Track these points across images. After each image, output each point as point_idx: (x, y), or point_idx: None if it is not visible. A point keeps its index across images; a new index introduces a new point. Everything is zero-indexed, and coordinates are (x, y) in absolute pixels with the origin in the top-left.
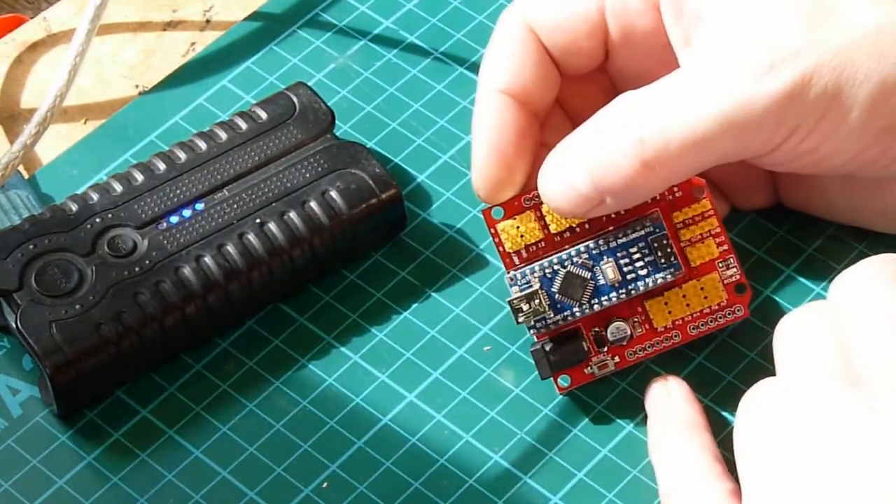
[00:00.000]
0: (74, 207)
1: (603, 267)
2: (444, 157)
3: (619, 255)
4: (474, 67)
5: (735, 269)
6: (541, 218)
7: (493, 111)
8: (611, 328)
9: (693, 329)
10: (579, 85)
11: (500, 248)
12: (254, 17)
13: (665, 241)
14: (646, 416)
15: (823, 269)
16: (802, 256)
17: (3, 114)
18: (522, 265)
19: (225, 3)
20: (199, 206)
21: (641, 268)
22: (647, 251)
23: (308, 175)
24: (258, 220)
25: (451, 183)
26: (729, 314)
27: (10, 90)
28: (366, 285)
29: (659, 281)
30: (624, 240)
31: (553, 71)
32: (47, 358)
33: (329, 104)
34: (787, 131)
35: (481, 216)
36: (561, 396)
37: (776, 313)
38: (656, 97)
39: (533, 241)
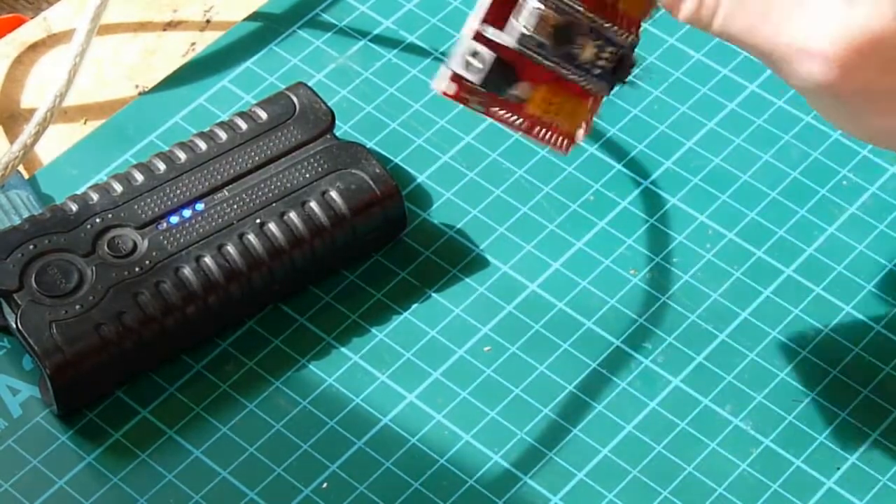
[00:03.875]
0: (74, 207)
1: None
2: (444, 157)
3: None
4: None
5: None
6: None
7: None
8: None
9: None
10: None
11: None
12: (254, 17)
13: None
14: (646, 416)
15: (824, 270)
16: (803, 256)
17: (3, 114)
18: None
19: (225, 3)
20: (200, 206)
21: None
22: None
23: (308, 175)
24: (258, 221)
25: (451, 183)
26: None
27: (10, 90)
28: (366, 286)
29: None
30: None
31: None
32: (47, 358)
33: (329, 104)
34: None
35: (480, 217)
36: (561, 396)
37: (776, 314)
38: None
39: None
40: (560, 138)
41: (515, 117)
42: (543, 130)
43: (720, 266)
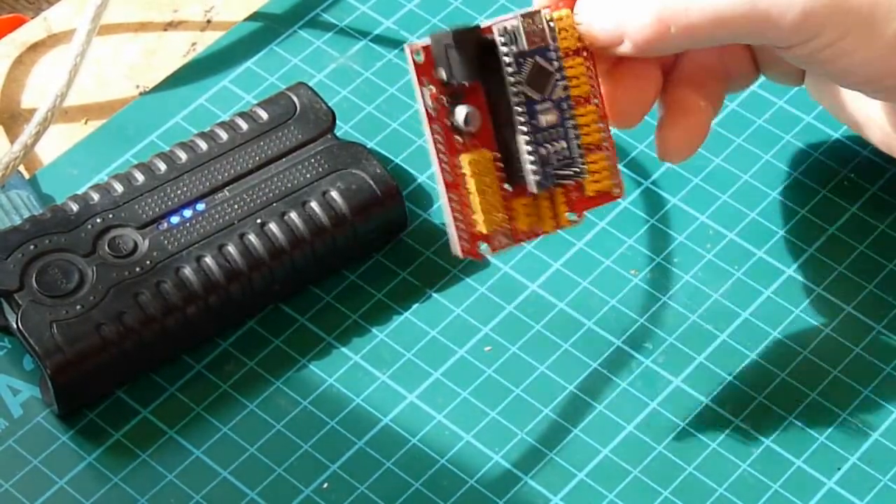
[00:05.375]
0: (75, 207)
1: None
2: None
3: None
4: None
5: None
6: None
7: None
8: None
9: None
10: None
11: None
12: (254, 17)
13: None
14: (646, 416)
15: (824, 271)
16: (803, 257)
17: (4, 114)
18: None
19: (226, 3)
20: (200, 206)
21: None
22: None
23: (309, 175)
24: (259, 221)
25: None
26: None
27: (11, 90)
28: (366, 286)
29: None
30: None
31: None
32: (48, 358)
33: (330, 104)
34: (807, 36)
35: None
36: (561, 396)
37: (777, 314)
38: None
39: None
40: (465, 232)
41: (445, 158)
42: (455, 204)
43: (720, 266)
